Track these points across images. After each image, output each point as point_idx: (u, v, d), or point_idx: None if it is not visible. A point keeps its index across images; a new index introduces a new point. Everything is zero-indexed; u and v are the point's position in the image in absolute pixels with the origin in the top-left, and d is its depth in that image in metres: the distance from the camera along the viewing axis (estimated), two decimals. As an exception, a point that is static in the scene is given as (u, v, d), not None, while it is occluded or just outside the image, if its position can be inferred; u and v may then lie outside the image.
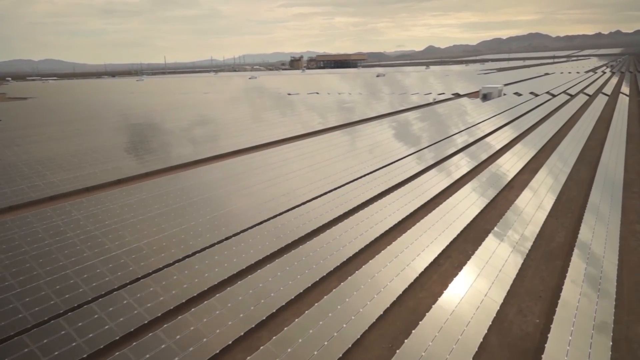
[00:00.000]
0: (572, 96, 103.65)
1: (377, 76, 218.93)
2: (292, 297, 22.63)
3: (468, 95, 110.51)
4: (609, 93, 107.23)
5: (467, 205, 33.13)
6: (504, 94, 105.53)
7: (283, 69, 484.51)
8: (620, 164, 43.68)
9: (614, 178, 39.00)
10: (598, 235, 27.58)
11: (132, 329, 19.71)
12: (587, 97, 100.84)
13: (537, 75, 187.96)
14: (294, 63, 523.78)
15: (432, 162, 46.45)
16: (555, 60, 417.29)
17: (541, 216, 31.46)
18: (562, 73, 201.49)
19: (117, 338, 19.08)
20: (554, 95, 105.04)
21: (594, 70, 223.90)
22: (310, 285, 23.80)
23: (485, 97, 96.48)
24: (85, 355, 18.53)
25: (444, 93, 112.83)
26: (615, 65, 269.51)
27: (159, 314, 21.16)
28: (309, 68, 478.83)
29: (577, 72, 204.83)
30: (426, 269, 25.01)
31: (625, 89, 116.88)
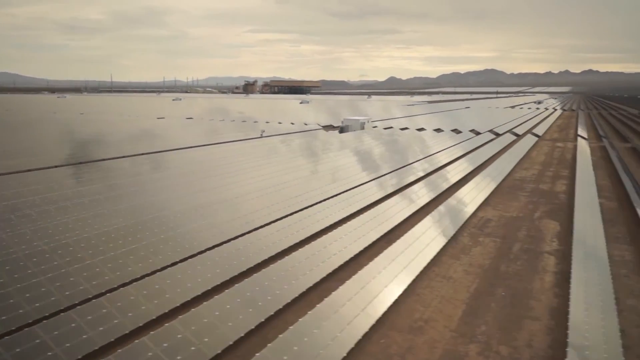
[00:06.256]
0: (441, 130, 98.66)
1: (301, 103, 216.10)
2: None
3: (334, 127, 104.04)
4: (481, 131, 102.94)
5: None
6: (374, 127, 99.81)
7: (235, 93, 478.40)
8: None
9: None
10: None
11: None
12: (456, 134, 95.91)
13: (455, 108, 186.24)
14: (248, 87, 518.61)
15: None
16: (499, 95, 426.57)
17: None
18: (481, 107, 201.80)
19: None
20: (422, 129, 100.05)
21: (513, 106, 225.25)
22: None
23: (343, 130, 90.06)
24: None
25: (307, 124, 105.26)
26: (541, 102, 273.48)
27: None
28: (263, 92, 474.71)
29: (497, 107, 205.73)
30: None
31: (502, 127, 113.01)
